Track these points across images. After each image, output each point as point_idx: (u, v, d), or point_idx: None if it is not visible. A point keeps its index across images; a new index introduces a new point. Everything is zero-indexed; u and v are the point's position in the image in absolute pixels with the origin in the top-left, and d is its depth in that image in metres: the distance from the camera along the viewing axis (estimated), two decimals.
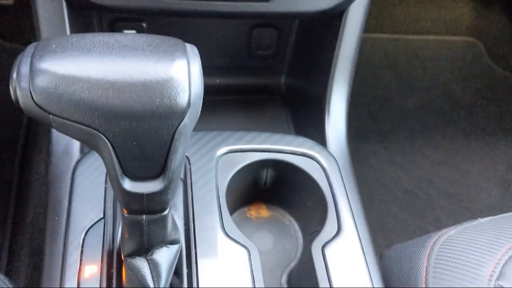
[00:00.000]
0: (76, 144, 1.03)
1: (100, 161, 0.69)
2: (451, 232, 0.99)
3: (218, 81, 1.42)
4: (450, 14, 2.32)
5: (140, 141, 0.65)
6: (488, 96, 2.24)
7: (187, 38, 1.32)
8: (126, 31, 1.26)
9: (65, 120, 0.63)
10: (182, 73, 0.63)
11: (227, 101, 1.39)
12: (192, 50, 0.67)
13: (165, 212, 0.73)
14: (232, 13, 1.07)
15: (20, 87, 0.61)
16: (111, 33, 0.66)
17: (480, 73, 2.30)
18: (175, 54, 0.64)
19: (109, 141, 0.65)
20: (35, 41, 1.75)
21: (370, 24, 1.15)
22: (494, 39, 2.33)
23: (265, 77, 1.45)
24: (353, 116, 1.26)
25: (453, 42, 2.33)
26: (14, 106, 0.63)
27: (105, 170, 0.93)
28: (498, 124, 2.14)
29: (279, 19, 1.31)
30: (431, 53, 2.31)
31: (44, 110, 0.62)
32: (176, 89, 0.63)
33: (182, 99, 0.63)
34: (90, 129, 0.63)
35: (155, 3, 1.00)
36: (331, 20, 1.14)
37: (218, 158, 1.00)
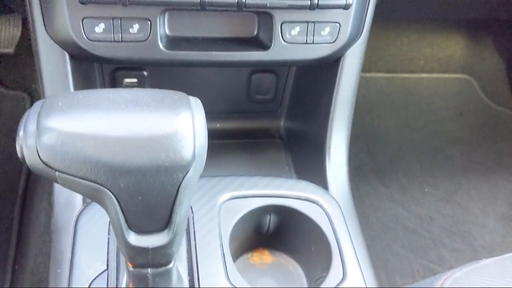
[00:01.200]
0: (78, 195, 1.03)
1: (103, 211, 0.69)
2: (457, 274, 0.97)
3: (218, 125, 1.43)
4: (443, 52, 2.37)
5: (146, 195, 0.65)
6: (484, 132, 2.26)
7: (187, 84, 1.36)
8: (127, 80, 1.28)
9: (71, 177, 0.63)
10: (186, 127, 0.64)
11: (227, 145, 1.40)
12: (196, 103, 0.69)
13: (170, 265, 0.73)
14: (231, 62, 1.09)
15: (27, 145, 0.62)
16: (116, 89, 0.68)
17: (475, 109, 2.33)
18: (180, 109, 0.65)
19: (114, 196, 0.65)
20: (35, 88, 1.77)
21: (365, 64, 1.18)
22: (487, 75, 2.38)
23: (265, 120, 1.47)
24: (352, 154, 1.27)
25: (447, 79, 2.37)
26: (14, 153, 0.63)
27: (108, 221, 0.93)
28: (495, 160, 2.16)
29: (277, 66, 1.33)
30: (426, 90, 2.35)
31: (50, 167, 0.63)
32: (181, 143, 0.64)
33: (187, 153, 0.64)
34: (95, 184, 0.63)
35: (155, 55, 1.02)
36: (329, 66, 1.17)
37: (221, 205, 1.01)
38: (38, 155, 0.62)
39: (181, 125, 0.64)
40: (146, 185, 0.64)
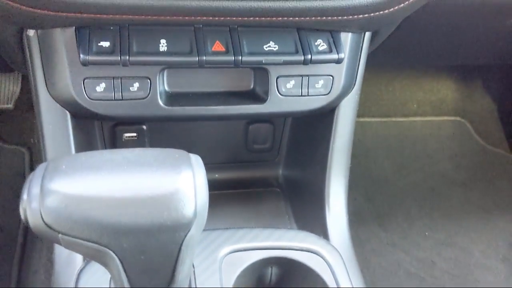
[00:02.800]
0: None
1: (104, 269, 0.70)
2: None
3: (217, 176, 1.45)
4: (435, 96, 2.42)
5: (148, 254, 0.66)
6: (480, 173, 2.28)
7: (186, 136, 1.37)
8: (127, 135, 1.30)
9: (74, 239, 0.64)
10: (187, 186, 0.65)
11: (226, 196, 1.41)
12: (196, 161, 0.70)
13: None
14: (229, 115, 1.12)
15: (31, 208, 0.63)
16: (118, 150, 0.70)
17: (470, 150, 2.35)
18: (181, 167, 0.67)
19: (117, 256, 0.65)
20: (34, 143, 1.78)
21: (359, 109, 1.22)
22: (479, 117, 2.42)
23: (263, 170, 1.48)
24: (350, 199, 1.28)
25: (440, 122, 2.41)
26: (12, 207, 0.64)
27: (110, 279, 0.92)
28: (493, 201, 2.17)
29: (274, 118, 1.36)
30: (420, 133, 2.38)
31: (54, 230, 0.63)
32: (183, 202, 0.65)
33: (189, 211, 0.65)
34: (98, 246, 0.64)
35: (155, 111, 1.04)
36: (324, 115, 1.19)
37: (222, 259, 1.00)
38: (42, 218, 0.63)
39: (182, 184, 0.65)
40: (148, 245, 0.65)
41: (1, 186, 1.90)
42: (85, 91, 1.00)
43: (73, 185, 0.63)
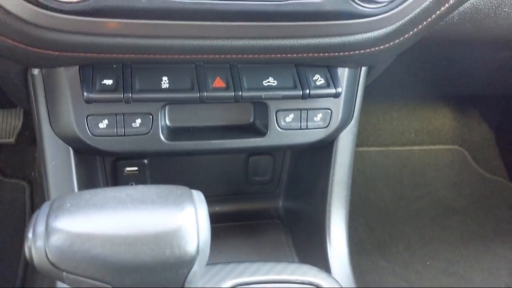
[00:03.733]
0: None
1: None
2: None
3: (217, 208, 1.45)
4: (432, 125, 2.44)
5: None
6: (479, 201, 2.29)
7: (186, 169, 1.38)
8: (128, 169, 1.32)
9: (78, 277, 0.65)
10: (190, 223, 0.66)
11: (227, 228, 1.41)
12: (198, 198, 0.71)
13: None
14: (230, 149, 1.14)
15: (36, 247, 0.64)
16: (122, 188, 0.71)
17: (469, 179, 2.36)
18: (183, 205, 0.68)
19: None
20: (35, 177, 1.79)
21: (358, 138, 1.24)
22: (477, 145, 2.44)
23: (263, 202, 1.49)
24: (351, 229, 1.28)
25: (438, 151, 2.43)
26: (12, 242, 0.65)
27: None
28: (493, 229, 2.16)
29: (273, 150, 1.38)
30: (419, 162, 2.39)
31: (58, 268, 0.64)
32: (185, 239, 0.66)
33: (191, 248, 0.66)
34: (102, 283, 0.65)
35: (157, 146, 1.06)
36: (323, 147, 1.21)
37: None
38: (47, 256, 0.64)
39: (185, 221, 0.66)
40: (151, 282, 0.66)
41: (2, 219, 1.90)
42: (88, 127, 1.02)
43: (78, 224, 0.64)
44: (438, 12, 0.97)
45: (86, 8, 0.77)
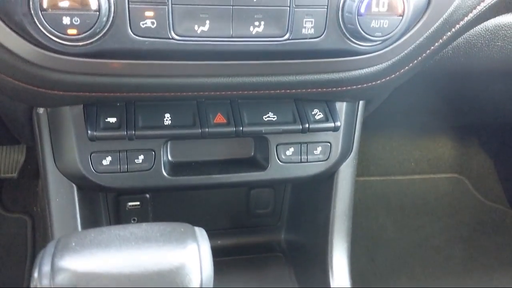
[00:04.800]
0: None
1: None
2: None
3: (219, 242, 1.46)
4: (432, 154, 2.46)
5: None
6: (481, 229, 2.28)
7: (188, 203, 1.39)
8: (130, 204, 1.33)
9: None
10: (193, 260, 0.68)
11: (229, 262, 1.41)
12: (201, 235, 0.73)
13: None
14: (231, 183, 1.15)
15: (41, 286, 0.65)
16: (126, 226, 0.72)
17: (469, 207, 2.37)
18: (186, 242, 0.70)
19: None
20: (37, 212, 1.79)
21: (358, 168, 1.25)
22: (477, 174, 2.45)
23: (265, 234, 1.49)
24: (353, 260, 1.28)
25: (438, 179, 2.44)
26: (14, 277, 0.65)
27: None
28: (496, 257, 2.16)
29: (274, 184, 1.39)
30: (419, 191, 2.40)
31: None
32: (189, 276, 0.67)
33: (194, 285, 0.67)
34: None
35: (159, 182, 1.08)
36: (324, 180, 1.23)
37: None
38: None
39: (188, 258, 0.67)
40: None
41: (3, 254, 1.90)
42: (91, 164, 1.03)
43: (83, 263, 0.66)
44: (432, 47, 1.00)
45: (91, 50, 0.79)
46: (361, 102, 1.19)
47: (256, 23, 0.83)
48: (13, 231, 1.97)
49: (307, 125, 1.07)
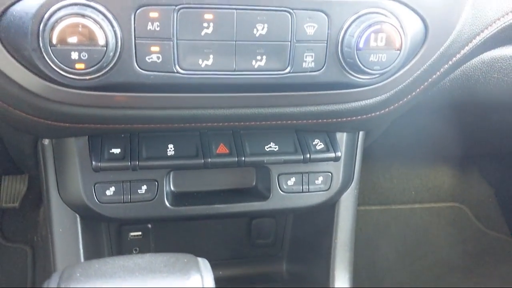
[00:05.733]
0: None
1: None
2: None
3: (220, 273, 1.45)
4: (432, 183, 2.47)
5: None
6: (484, 259, 2.27)
7: (190, 233, 1.39)
8: (132, 233, 1.33)
9: None
10: None
11: None
12: (204, 265, 0.74)
13: None
14: (233, 213, 1.16)
15: None
16: (130, 257, 0.73)
17: (471, 236, 2.36)
18: (190, 273, 0.70)
19: None
20: (38, 242, 1.80)
21: (359, 197, 1.26)
22: (477, 202, 2.45)
23: (266, 265, 1.49)
24: None
25: (439, 208, 2.43)
26: None
27: None
28: (498, 287, 2.14)
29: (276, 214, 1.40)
30: (421, 220, 2.39)
31: None
32: None
33: None
34: None
35: (161, 212, 1.09)
36: (325, 210, 1.23)
37: None
38: None
39: None
40: None
41: (3, 284, 1.88)
42: (95, 195, 1.05)
43: None
44: (430, 80, 1.02)
45: (97, 84, 0.82)
46: (361, 133, 1.20)
47: (258, 57, 0.85)
48: (13, 261, 1.96)
49: (308, 155, 1.09)
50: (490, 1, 1.00)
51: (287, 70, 0.87)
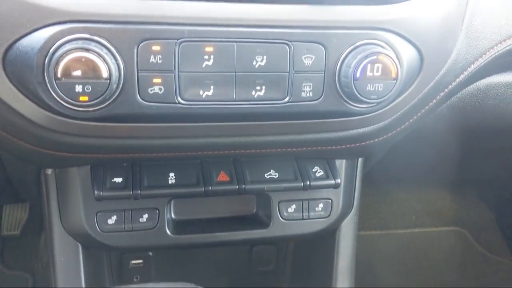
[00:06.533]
0: None
1: None
2: None
3: None
4: (432, 207, 2.46)
5: None
6: (487, 283, 2.26)
7: (190, 260, 1.39)
8: (133, 262, 1.33)
9: None
10: None
11: None
12: None
13: None
14: (234, 241, 1.16)
15: None
16: (132, 286, 0.73)
17: (473, 260, 2.35)
18: None
19: None
20: (38, 269, 1.80)
21: (359, 222, 1.27)
22: (478, 226, 2.44)
23: None
24: None
25: (440, 232, 2.43)
26: None
27: None
28: None
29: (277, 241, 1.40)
30: (422, 245, 2.39)
31: None
32: None
33: None
34: None
35: (162, 241, 1.09)
36: (326, 237, 1.24)
37: None
38: None
39: None
40: None
41: None
42: (97, 224, 1.05)
43: None
44: (426, 107, 1.04)
45: (100, 115, 0.83)
46: (360, 159, 1.22)
47: (258, 88, 0.87)
48: None
49: (308, 183, 1.10)
50: (483, 31, 1.02)
51: (286, 100, 0.89)
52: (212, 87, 0.85)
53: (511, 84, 1.15)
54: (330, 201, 1.17)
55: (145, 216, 1.07)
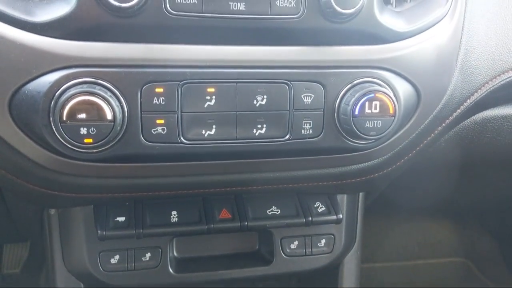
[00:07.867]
0: None
1: None
2: None
3: None
4: (435, 238, 2.45)
5: None
6: None
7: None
8: None
9: None
10: None
11: None
12: None
13: None
14: (237, 279, 1.16)
15: None
16: None
17: None
18: None
19: None
20: None
21: (362, 255, 1.26)
22: (481, 257, 2.42)
23: None
24: None
25: (443, 264, 2.41)
26: None
27: None
28: None
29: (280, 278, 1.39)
30: (425, 276, 2.36)
31: None
32: None
33: None
34: None
35: (165, 280, 1.10)
36: (328, 274, 1.23)
37: None
38: None
39: None
40: None
41: None
42: (100, 263, 1.05)
43: None
44: (424, 141, 1.06)
45: (104, 156, 0.84)
46: (361, 194, 1.23)
47: (259, 126, 0.89)
48: None
49: (310, 218, 1.11)
50: (477, 66, 1.05)
51: (286, 137, 0.90)
52: (214, 126, 0.86)
53: (507, 117, 1.16)
54: (332, 236, 1.17)
55: (148, 255, 1.07)
